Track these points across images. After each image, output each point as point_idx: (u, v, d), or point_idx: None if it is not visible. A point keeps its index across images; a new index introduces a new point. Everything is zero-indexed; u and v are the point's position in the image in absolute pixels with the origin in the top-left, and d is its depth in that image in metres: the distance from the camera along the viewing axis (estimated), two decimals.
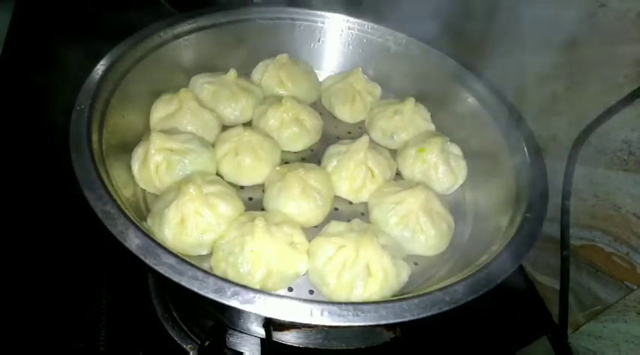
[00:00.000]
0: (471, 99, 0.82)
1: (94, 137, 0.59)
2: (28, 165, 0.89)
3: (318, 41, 0.94)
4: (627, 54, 0.69)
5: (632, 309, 0.70)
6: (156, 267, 0.47)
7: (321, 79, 0.95)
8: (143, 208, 0.67)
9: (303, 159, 0.80)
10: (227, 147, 0.73)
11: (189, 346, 0.69)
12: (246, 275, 0.58)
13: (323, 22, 0.92)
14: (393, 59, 0.91)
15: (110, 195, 0.53)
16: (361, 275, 0.59)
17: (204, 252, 0.63)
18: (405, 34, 0.89)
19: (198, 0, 1.02)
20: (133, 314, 0.73)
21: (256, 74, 0.90)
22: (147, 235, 0.49)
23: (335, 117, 0.90)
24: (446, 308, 0.48)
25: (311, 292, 0.62)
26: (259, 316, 0.45)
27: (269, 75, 0.87)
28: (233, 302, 0.45)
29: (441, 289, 0.50)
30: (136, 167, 0.68)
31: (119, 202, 0.53)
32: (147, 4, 1.24)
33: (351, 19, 0.91)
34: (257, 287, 0.57)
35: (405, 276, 0.62)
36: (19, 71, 1.06)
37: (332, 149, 0.78)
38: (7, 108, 0.97)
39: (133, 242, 0.48)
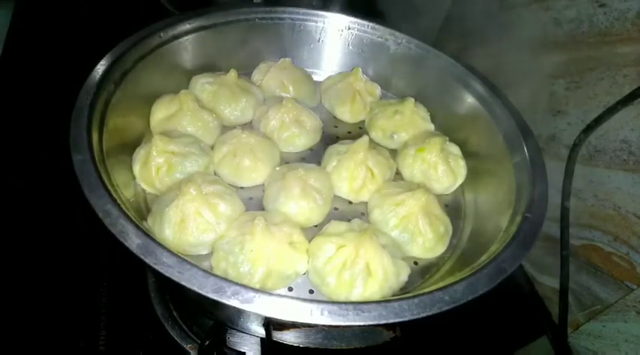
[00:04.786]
0: (470, 99, 0.82)
1: (94, 137, 0.59)
2: (28, 165, 0.89)
3: (318, 41, 0.94)
4: (627, 54, 0.69)
5: (632, 309, 0.71)
6: (156, 267, 0.47)
7: (321, 78, 0.95)
8: (143, 208, 0.67)
9: (303, 159, 0.80)
10: (225, 149, 0.73)
11: (189, 345, 0.69)
12: (246, 274, 0.58)
13: (323, 22, 0.92)
14: (393, 59, 0.91)
15: (110, 195, 0.53)
16: (361, 275, 0.59)
17: (205, 252, 0.63)
18: (405, 34, 0.90)
19: (198, 0, 1.03)
20: (133, 314, 0.73)
21: (257, 74, 0.90)
22: (147, 235, 0.49)
23: (335, 117, 0.90)
24: (446, 308, 0.48)
25: (311, 292, 0.62)
26: (259, 315, 0.45)
27: (271, 76, 0.87)
28: (233, 302, 0.45)
29: (440, 289, 0.50)
30: (137, 168, 0.68)
31: (119, 202, 0.53)
32: (147, 4, 1.25)
33: (351, 18, 0.92)
34: (257, 286, 0.57)
35: (404, 276, 0.62)
36: (19, 71, 1.06)
37: (332, 149, 0.78)
38: (7, 108, 0.98)
39: (133, 241, 0.48)
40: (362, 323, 0.46)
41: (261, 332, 0.59)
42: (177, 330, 0.70)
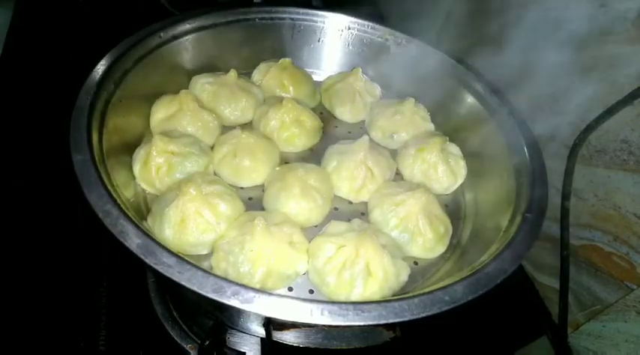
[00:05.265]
0: (470, 99, 0.82)
1: (94, 137, 0.59)
2: (28, 165, 0.89)
3: (318, 41, 0.94)
4: (627, 54, 0.69)
5: (632, 309, 0.70)
6: (156, 267, 0.47)
7: (321, 78, 0.95)
8: (143, 208, 0.67)
9: (303, 159, 0.80)
10: (225, 150, 0.73)
11: (189, 345, 0.69)
12: (246, 274, 0.58)
13: (323, 22, 0.92)
14: (393, 59, 0.91)
15: (110, 195, 0.53)
16: (361, 275, 0.59)
17: (205, 252, 0.63)
18: (405, 34, 0.90)
19: (198, 0, 1.03)
20: (133, 314, 0.73)
21: (257, 74, 0.90)
22: (147, 235, 0.49)
23: (335, 117, 0.90)
24: (446, 308, 0.48)
25: (311, 292, 0.62)
26: (259, 315, 0.45)
27: (271, 76, 0.88)
28: (233, 302, 0.45)
29: (440, 289, 0.50)
30: (137, 168, 0.68)
31: (119, 202, 0.53)
32: (147, 4, 1.25)
33: (351, 18, 0.92)
34: (257, 286, 0.57)
35: (404, 276, 0.62)
36: (19, 71, 1.06)
37: (332, 149, 0.78)
38: (7, 108, 0.98)
39: (133, 241, 0.48)
40: (362, 323, 0.46)
41: (261, 332, 0.59)
42: (177, 330, 0.70)
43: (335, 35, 0.93)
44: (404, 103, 0.84)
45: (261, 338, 0.63)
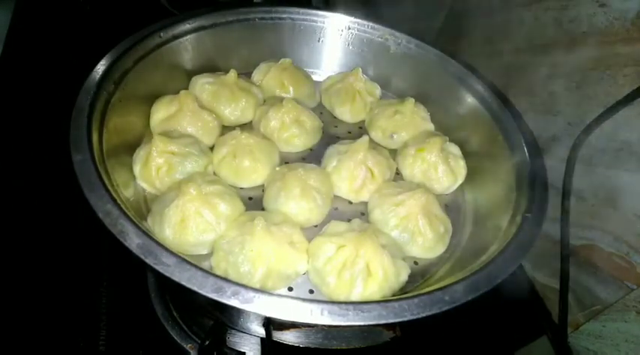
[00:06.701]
0: (470, 99, 0.82)
1: (94, 137, 0.59)
2: (28, 165, 0.89)
3: (318, 41, 0.94)
4: (627, 54, 0.69)
5: (632, 309, 0.70)
6: (156, 267, 0.47)
7: (321, 79, 0.95)
8: (143, 208, 0.67)
9: (303, 159, 0.80)
10: (225, 151, 0.73)
11: (189, 345, 0.69)
12: (246, 274, 0.58)
13: (323, 22, 0.92)
14: (393, 59, 0.92)
15: (110, 195, 0.53)
16: (361, 275, 0.59)
17: (205, 252, 0.63)
18: (405, 34, 0.90)
19: (198, 0, 1.03)
20: (133, 314, 0.73)
21: (257, 74, 0.90)
22: (147, 235, 0.49)
23: (335, 117, 0.90)
24: (446, 308, 0.48)
25: (311, 292, 0.62)
26: (259, 315, 0.45)
27: (271, 76, 0.88)
28: (233, 302, 0.45)
29: (440, 289, 0.50)
30: (137, 168, 0.69)
31: (119, 202, 0.53)
32: (147, 4, 1.25)
33: (351, 18, 0.92)
34: (257, 286, 0.57)
35: (404, 276, 0.62)
36: (19, 71, 1.06)
37: (332, 149, 0.78)
38: (7, 108, 0.98)
39: (133, 241, 0.48)
40: (362, 323, 0.46)
41: (261, 332, 0.59)
42: (177, 330, 0.70)
43: (335, 35, 0.93)
44: (404, 103, 0.84)
45: (261, 338, 0.63)
